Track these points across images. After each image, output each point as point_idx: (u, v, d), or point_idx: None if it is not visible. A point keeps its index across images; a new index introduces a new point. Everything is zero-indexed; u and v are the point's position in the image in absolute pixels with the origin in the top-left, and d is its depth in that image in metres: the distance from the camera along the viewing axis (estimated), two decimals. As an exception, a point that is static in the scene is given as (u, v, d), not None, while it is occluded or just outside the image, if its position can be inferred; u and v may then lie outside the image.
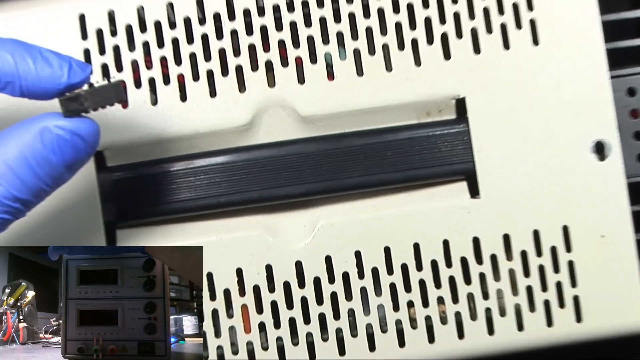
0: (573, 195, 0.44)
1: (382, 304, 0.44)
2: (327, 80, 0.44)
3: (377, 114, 0.44)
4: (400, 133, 0.44)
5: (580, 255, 0.44)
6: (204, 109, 0.44)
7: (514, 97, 0.44)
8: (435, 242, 0.44)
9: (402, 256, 0.44)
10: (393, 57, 0.44)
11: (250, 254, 0.43)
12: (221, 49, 0.44)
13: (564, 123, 0.44)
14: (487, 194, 0.44)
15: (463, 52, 0.44)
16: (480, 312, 0.44)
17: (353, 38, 0.44)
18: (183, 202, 0.43)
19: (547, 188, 0.44)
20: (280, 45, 0.44)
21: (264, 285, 0.43)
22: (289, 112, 0.44)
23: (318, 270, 0.43)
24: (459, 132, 0.44)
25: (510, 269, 0.44)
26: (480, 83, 0.44)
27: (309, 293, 0.43)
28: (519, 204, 0.44)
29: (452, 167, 0.44)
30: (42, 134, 0.34)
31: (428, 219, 0.44)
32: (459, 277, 0.44)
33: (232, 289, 0.43)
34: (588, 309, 0.44)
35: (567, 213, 0.44)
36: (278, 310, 0.43)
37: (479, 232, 0.44)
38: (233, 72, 0.44)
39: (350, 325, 0.43)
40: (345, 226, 0.44)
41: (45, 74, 0.34)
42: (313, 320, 0.43)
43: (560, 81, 0.44)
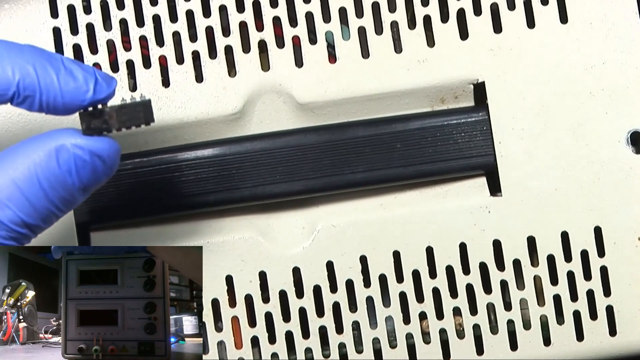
0: (606, 193, 0.43)
1: (390, 316, 0.42)
2: (328, 63, 0.42)
3: (385, 101, 0.44)
4: (410, 122, 0.43)
5: (614, 260, 0.43)
6: (189, 95, 0.43)
7: (539, 82, 0.43)
8: (451, 246, 0.43)
9: (413, 262, 0.43)
10: (403, 36, 0.43)
11: (242, 260, 0.42)
12: (208, 27, 0.42)
13: (596, 111, 0.43)
14: (509, 191, 0.43)
15: (482, 31, 0.43)
16: (501, 324, 0.43)
17: (358, 15, 0.43)
18: (166, 201, 0.41)
19: (576, 184, 0.43)
20: (276, 23, 0.42)
21: (257, 295, 0.42)
22: (285, 99, 0.42)
23: (318, 277, 0.42)
24: (477, 121, 0.43)
25: (536, 276, 0.43)
26: (501, 66, 0.43)
27: (308, 303, 0.42)
28: (545, 202, 0.43)
29: (470, 160, 0.44)
30: (58, 153, 0.33)
31: (442, 220, 0.43)
32: (478, 285, 0.43)
33: (221, 299, 0.42)
34: (623, 320, 0.43)
35: (600, 213, 0.43)
36: (273, 323, 0.42)
37: (500, 234, 0.43)
38: (222, 53, 0.42)
39: (354, 339, 0.42)
40: (348, 228, 0.43)
41: (69, 88, 0.33)
42: (313, 334, 0.42)
43: (592, 64, 0.44)
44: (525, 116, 0.43)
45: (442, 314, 0.42)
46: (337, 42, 0.42)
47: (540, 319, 0.43)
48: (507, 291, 0.43)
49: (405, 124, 0.43)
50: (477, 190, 0.44)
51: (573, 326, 0.43)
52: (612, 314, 0.43)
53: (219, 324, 0.42)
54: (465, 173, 0.44)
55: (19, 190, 0.32)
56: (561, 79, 0.43)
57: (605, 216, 0.43)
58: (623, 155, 0.43)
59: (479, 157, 0.43)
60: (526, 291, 0.43)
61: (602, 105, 0.43)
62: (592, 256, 0.43)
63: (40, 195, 0.32)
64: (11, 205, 0.32)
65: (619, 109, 0.43)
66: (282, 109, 0.43)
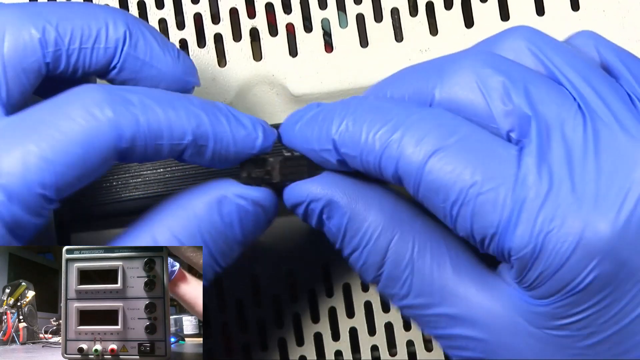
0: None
1: (390, 322, 0.41)
2: (324, 52, 0.41)
3: (385, 92, 0.42)
4: (412, 116, 0.42)
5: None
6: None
7: (549, 73, 0.42)
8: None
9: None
10: (404, 24, 0.41)
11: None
12: (197, 14, 0.41)
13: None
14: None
15: (488, 18, 0.42)
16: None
17: (356, 1, 0.41)
18: (151, 199, 0.39)
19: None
20: (268, 10, 0.41)
21: (249, 300, 0.41)
22: (279, 91, 0.41)
23: (313, 281, 0.41)
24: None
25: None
26: (508, 56, 0.42)
27: (303, 309, 0.41)
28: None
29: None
30: (219, 204, 0.32)
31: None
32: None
33: (210, 304, 0.41)
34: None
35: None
36: (265, 329, 0.41)
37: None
38: (211, 42, 0.41)
39: (352, 346, 0.41)
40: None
41: (240, 136, 0.32)
42: (307, 340, 0.41)
43: (605, 54, 0.42)
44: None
45: (445, 320, 0.41)
46: (334, 30, 0.41)
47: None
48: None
49: (406, 117, 0.41)
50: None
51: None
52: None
53: (207, 330, 0.40)
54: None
55: (180, 245, 0.32)
56: (572, 69, 0.41)
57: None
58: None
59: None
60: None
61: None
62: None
63: (203, 252, 0.32)
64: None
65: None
66: (276, 101, 0.41)
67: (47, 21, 0.32)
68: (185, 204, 0.32)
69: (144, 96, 0.31)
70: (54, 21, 0.32)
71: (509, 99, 0.29)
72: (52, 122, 0.30)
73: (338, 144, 0.31)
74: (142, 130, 0.30)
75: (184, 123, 0.31)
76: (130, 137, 0.30)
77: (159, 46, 0.33)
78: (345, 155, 0.31)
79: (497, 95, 0.29)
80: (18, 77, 0.31)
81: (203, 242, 0.32)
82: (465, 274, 0.31)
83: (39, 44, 0.31)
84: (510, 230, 0.28)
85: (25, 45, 0.31)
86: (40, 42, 0.31)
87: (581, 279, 0.28)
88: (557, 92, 0.30)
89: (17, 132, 0.30)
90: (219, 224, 0.32)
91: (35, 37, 0.31)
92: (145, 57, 0.33)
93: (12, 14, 0.32)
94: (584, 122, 0.29)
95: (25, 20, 0.31)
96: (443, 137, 0.29)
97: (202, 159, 0.32)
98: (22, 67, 0.31)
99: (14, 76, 0.31)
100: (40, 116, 0.30)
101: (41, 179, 0.29)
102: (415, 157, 0.29)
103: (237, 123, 0.32)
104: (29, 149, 0.29)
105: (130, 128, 0.30)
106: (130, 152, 0.30)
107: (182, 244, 0.32)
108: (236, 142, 0.32)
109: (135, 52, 0.33)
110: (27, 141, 0.29)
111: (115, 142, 0.30)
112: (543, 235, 0.28)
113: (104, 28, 0.32)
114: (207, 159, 0.32)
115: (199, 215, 0.32)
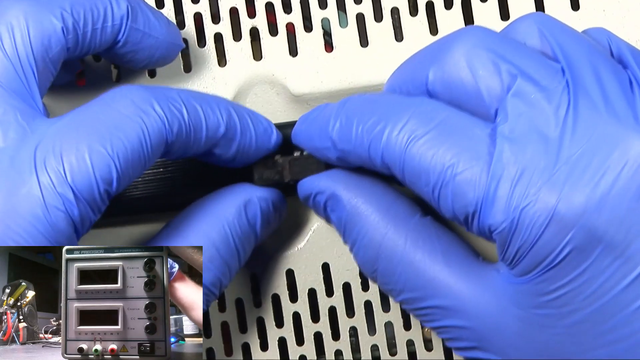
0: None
1: (390, 321, 0.41)
2: (324, 52, 0.41)
3: (385, 92, 0.42)
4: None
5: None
6: (176, 86, 0.41)
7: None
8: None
9: (414, 264, 0.42)
10: (404, 23, 0.41)
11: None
12: (197, 13, 0.41)
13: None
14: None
15: (488, 18, 0.41)
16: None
17: (356, 1, 0.41)
18: (151, 199, 0.39)
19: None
20: (268, 10, 0.41)
21: (249, 299, 0.40)
22: (279, 90, 0.41)
23: (313, 280, 0.41)
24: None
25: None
26: (509, 55, 0.42)
27: (303, 308, 0.40)
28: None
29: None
30: (246, 208, 0.34)
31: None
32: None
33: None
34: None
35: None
36: (265, 329, 0.41)
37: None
38: (211, 41, 0.41)
39: (352, 346, 0.41)
40: (346, 227, 0.42)
41: (260, 131, 0.34)
42: (307, 340, 0.40)
43: (605, 54, 0.42)
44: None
45: (445, 320, 0.41)
46: (334, 29, 0.41)
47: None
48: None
49: (406, 116, 0.41)
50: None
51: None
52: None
53: (207, 330, 0.40)
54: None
55: (217, 252, 0.33)
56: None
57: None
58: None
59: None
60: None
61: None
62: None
63: (233, 254, 0.33)
64: (212, 268, 0.33)
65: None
66: (276, 101, 0.41)
67: (62, 8, 0.32)
68: (216, 210, 0.33)
69: (181, 93, 0.32)
70: (67, 7, 0.32)
71: (497, 76, 0.30)
72: (108, 121, 0.30)
73: (335, 141, 0.32)
74: (186, 123, 0.31)
75: (218, 116, 0.32)
76: (177, 130, 0.31)
77: (153, 16, 0.35)
78: (342, 151, 0.32)
79: (485, 73, 0.30)
80: (47, 68, 0.32)
81: (234, 245, 0.33)
82: (455, 266, 0.32)
83: (62, 32, 0.32)
84: (488, 207, 0.29)
85: (50, 36, 0.32)
86: (62, 30, 0.32)
87: (557, 252, 0.28)
88: (546, 68, 0.30)
89: (75, 132, 0.30)
90: (246, 227, 0.34)
91: (58, 27, 0.32)
92: (145, 28, 0.34)
93: (29, 5, 0.32)
94: (568, 100, 0.29)
95: (43, 10, 0.32)
96: (422, 124, 0.30)
97: (227, 153, 0.33)
98: (49, 57, 0.32)
99: (44, 68, 0.32)
100: (94, 116, 0.31)
101: (106, 175, 0.30)
102: (397, 144, 0.30)
103: (256, 119, 0.34)
104: (92, 147, 0.30)
105: (176, 122, 0.31)
106: (176, 145, 0.32)
107: (218, 249, 0.33)
108: (257, 137, 0.34)
109: (136, 24, 0.34)
110: (89, 140, 0.30)
111: (166, 136, 0.31)
112: (519, 211, 0.28)
113: (109, 6, 0.33)
114: (231, 154, 0.33)
115: (230, 220, 0.33)
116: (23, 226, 0.29)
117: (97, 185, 0.30)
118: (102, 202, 0.30)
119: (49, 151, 0.30)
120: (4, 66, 0.31)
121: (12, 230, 0.29)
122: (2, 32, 0.31)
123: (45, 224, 0.29)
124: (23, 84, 0.31)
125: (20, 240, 0.29)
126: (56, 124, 0.31)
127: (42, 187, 0.29)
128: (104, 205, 0.31)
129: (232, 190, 0.34)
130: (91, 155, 0.30)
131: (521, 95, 0.29)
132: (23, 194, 0.29)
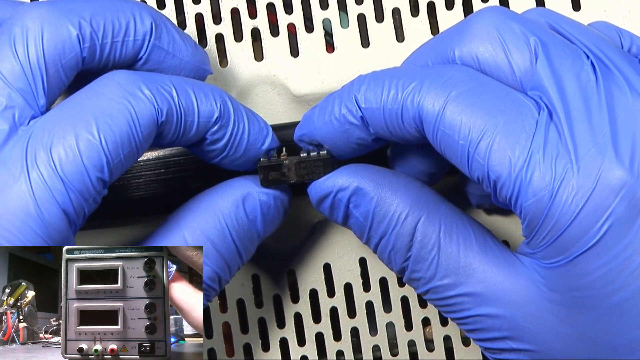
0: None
1: (391, 322, 0.41)
2: (325, 53, 0.41)
3: (386, 92, 0.42)
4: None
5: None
6: None
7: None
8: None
9: (416, 264, 0.41)
10: (405, 24, 0.41)
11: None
12: (198, 14, 0.41)
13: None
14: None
15: None
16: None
17: (357, 1, 0.41)
18: (149, 200, 0.39)
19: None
20: (270, 10, 0.41)
21: (250, 300, 0.40)
22: (280, 91, 0.41)
23: (315, 281, 0.41)
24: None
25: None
26: (510, 55, 0.42)
27: (304, 309, 0.41)
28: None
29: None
30: (244, 202, 0.33)
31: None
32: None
33: (210, 304, 0.40)
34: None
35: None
36: (267, 330, 0.41)
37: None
38: (212, 42, 0.41)
39: (353, 347, 0.41)
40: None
41: (254, 128, 0.34)
42: (309, 341, 0.41)
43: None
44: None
45: (447, 320, 0.41)
46: (335, 30, 0.41)
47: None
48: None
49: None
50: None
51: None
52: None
53: (208, 330, 0.40)
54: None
55: (212, 245, 0.33)
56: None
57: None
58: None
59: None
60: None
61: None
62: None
63: (231, 249, 0.33)
64: (208, 262, 0.33)
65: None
66: (277, 101, 0.41)
67: (81, 17, 0.32)
68: (211, 204, 0.33)
69: (173, 78, 0.32)
70: (87, 16, 0.32)
71: (526, 47, 0.30)
72: (94, 106, 0.30)
73: (360, 101, 0.32)
74: (176, 105, 0.31)
75: (211, 102, 0.32)
76: (168, 111, 0.31)
77: (180, 37, 0.34)
78: (366, 110, 0.32)
79: (514, 47, 0.30)
80: (58, 73, 0.32)
81: (232, 240, 0.33)
82: (490, 252, 0.31)
83: (77, 40, 0.32)
84: (526, 173, 0.28)
85: (64, 42, 0.31)
86: (78, 38, 0.32)
87: (599, 226, 0.28)
88: (571, 48, 0.30)
89: (61, 122, 0.30)
90: (244, 221, 0.33)
91: (73, 34, 0.32)
92: (169, 48, 0.34)
93: (47, 11, 0.32)
94: (596, 78, 0.29)
95: (61, 16, 0.32)
96: (464, 82, 0.30)
97: (219, 142, 0.33)
98: (62, 64, 0.32)
99: (55, 73, 0.31)
100: (79, 103, 0.31)
101: (96, 162, 0.29)
102: (437, 96, 0.30)
103: (252, 116, 0.34)
104: (79, 134, 0.29)
105: (166, 103, 0.31)
106: (167, 127, 0.31)
107: (214, 243, 0.32)
108: (250, 132, 0.33)
109: (159, 43, 0.33)
110: (76, 127, 0.30)
111: (156, 117, 0.31)
112: (560, 181, 0.28)
113: (132, 21, 0.33)
114: (222, 144, 0.33)
115: (226, 214, 0.33)
116: (15, 224, 0.29)
117: (87, 173, 0.29)
118: (95, 190, 0.30)
119: (39, 145, 0.29)
120: (11, 65, 0.31)
121: (4, 229, 0.29)
122: (17, 33, 0.31)
123: (36, 219, 0.29)
124: (29, 83, 0.31)
125: (12, 238, 0.29)
126: (45, 115, 0.30)
127: (32, 183, 0.29)
128: (100, 194, 0.30)
129: (230, 184, 0.34)
130: (79, 143, 0.29)
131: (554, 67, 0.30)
132: (14, 192, 0.29)
